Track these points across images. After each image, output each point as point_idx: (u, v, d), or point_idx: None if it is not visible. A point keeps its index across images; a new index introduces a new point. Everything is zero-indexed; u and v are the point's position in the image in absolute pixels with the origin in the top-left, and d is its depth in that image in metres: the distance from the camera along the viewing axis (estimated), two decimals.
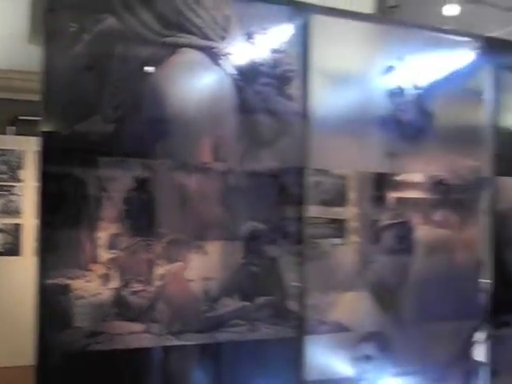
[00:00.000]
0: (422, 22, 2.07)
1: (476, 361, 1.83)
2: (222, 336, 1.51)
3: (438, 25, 2.04)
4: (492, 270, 1.84)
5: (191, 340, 1.48)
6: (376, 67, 1.73)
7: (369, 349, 1.69)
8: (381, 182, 1.74)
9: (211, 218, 1.51)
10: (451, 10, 2.39)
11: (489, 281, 1.83)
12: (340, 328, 1.66)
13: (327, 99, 1.66)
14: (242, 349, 1.53)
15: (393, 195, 1.76)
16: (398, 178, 1.76)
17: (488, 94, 1.85)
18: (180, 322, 1.46)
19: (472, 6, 2.39)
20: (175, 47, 1.46)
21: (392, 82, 1.72)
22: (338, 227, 1.73)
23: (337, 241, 1.72)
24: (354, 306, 1.69)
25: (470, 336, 1.84)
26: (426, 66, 1.78)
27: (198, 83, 1.50)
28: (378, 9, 2.31)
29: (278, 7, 1.59)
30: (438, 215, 1.83)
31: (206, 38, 1.50)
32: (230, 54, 1.52)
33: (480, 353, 1.83)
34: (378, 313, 1.71)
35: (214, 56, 1.51)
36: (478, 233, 1.86)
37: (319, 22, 1.64)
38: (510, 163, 1.86)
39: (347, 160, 1.71)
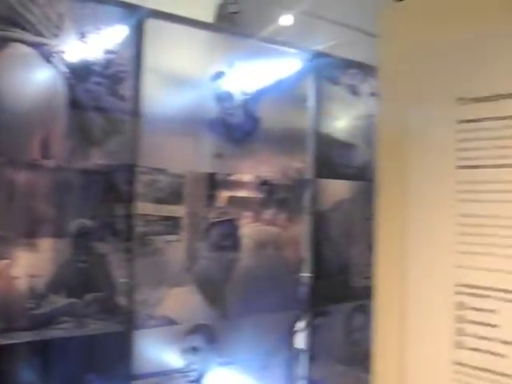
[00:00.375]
0: (260, 29, 2.24)
1: (297, 348, 2.05)
2: (50, 333, 1.55)
3: (274, 33, 2.23)
4: (311, 265, 2.07)
5: (17, 338, 1.51)
6: (208, 72, 1.88)
7: (196, 341, 1.84)
8: (211, 182, 1.89)
9: (40, 215, 1.56)
10: (287, 20, 2.59)
11: (309, 275, 2.06)
12: (168, 322, 1.78)
13: (160, 101, 1.77)
14: (71, 345, 1.59)
15: (223, 194, 1.91)
16: (227, 178, 1.92)
17: (311, 102, 2.08)
18: (5, 320, 1.50)
19: (307, 18, 2.60)
20: (5, 41, 1.49)
21: (222, 87, 1.88)
22: (171, 224, 1.84)
23: (170, 238, 1.83)
24: (182, 300, 1.82)
25: (292, 326, 2.05)
26: (255, 74, 1.96)
27: (28, 79, 1.53)
28: (219, 14, 2.45)
29: (112, 8, 1.66)
30: (266, 214, 2.01)
31: (39, 34, 1.54)
32: (62, 51, 1.56)
33: (300, 341, 2.05)
34: (205, 306, 1.85)
35: (45, 53, 1.55)
36: (301, 230, 2.08)
37: (154, 25, 1.74)
38: (328, 166, 2.11)
39: (180, 159, 1.84)
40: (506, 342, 0.81)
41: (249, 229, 1.97)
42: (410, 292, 0.90)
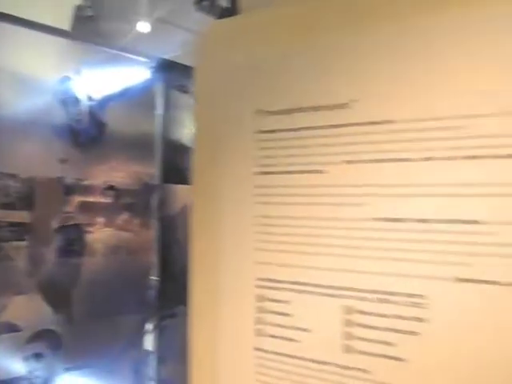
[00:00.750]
0: (114, 35, 2.29)
1: (145, 350, 2.12)
2: None
3: (128, 40, 2.29)
4: (159, 269, 2.15)
5: None
6: (55, 77, 1.91)
7: (40, 347, 1.85)
8: (60, 187, 1.92)
9: None
10: (144, 27, 2.65)
11: (157, 278, 2.13)
12: (11, 328, 1.78)
13: (5, 104, 1.78)
14: None
15: (73, 200, 1.94)
16: (77, 184, 1.95)
17: (160, 109, 2.16)
18: None
19: (162, 26, 2.68)
20: None
21: (69, 92, 1.92)
22: (19, 230, 1.85)
23: (17, 244, 1.83)
24: (26, 306, 1.83)
25: (141, 328, 2.11)
26: (104, 80, 2.01)
27: None
28: (76, 17, 2.47)
29: None
30: (116, 219, 2.06)
31: None
32: None
33: (149, 342, 2.12)
34: (50, 312, 1.87)
35: None
36: (151, 235, 2.15)
37: (1, 27, 1.75)
38: (176, 172, 2.20)
39: (27, 164, 1.85)
40: (297, 329, 0.93)
41: (99, 234, 2.01)
42: (221, 288, 1.00)
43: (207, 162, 1.07)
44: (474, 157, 0.80)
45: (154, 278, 2.13)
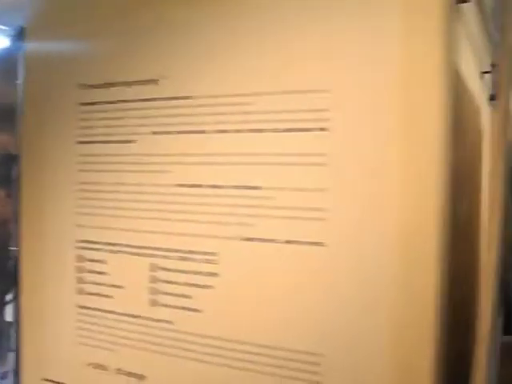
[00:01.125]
0: None
1: (5, 321, 2.16)
2: None
3: None
4: (19, 239, 2.19)
5: None
6: None
7: None
8: None
9: None
10: None
11: (16, 249, 2.17)
12: None
13: None
14: None
15: None
16: None
17: (21, 78, 2.18)
18: None
19: None
20: None
21: None
22: None
23: None
24: None
25: (1, 299, 2.15)
26: None
27: None
28: None
29: None
30: None
31: None
32: None
33: (9, 314, 2.16)
34: None
35: None
36: (12, 205, 2.18)
37: None
38: None
39: None
40: (112, 286, 1.04)
41: None
42: (45, 250, 1.10)
43: (34, 131, 1.16)
44: (258, 130, 0.94)
45: (14, 248, 2.17)
